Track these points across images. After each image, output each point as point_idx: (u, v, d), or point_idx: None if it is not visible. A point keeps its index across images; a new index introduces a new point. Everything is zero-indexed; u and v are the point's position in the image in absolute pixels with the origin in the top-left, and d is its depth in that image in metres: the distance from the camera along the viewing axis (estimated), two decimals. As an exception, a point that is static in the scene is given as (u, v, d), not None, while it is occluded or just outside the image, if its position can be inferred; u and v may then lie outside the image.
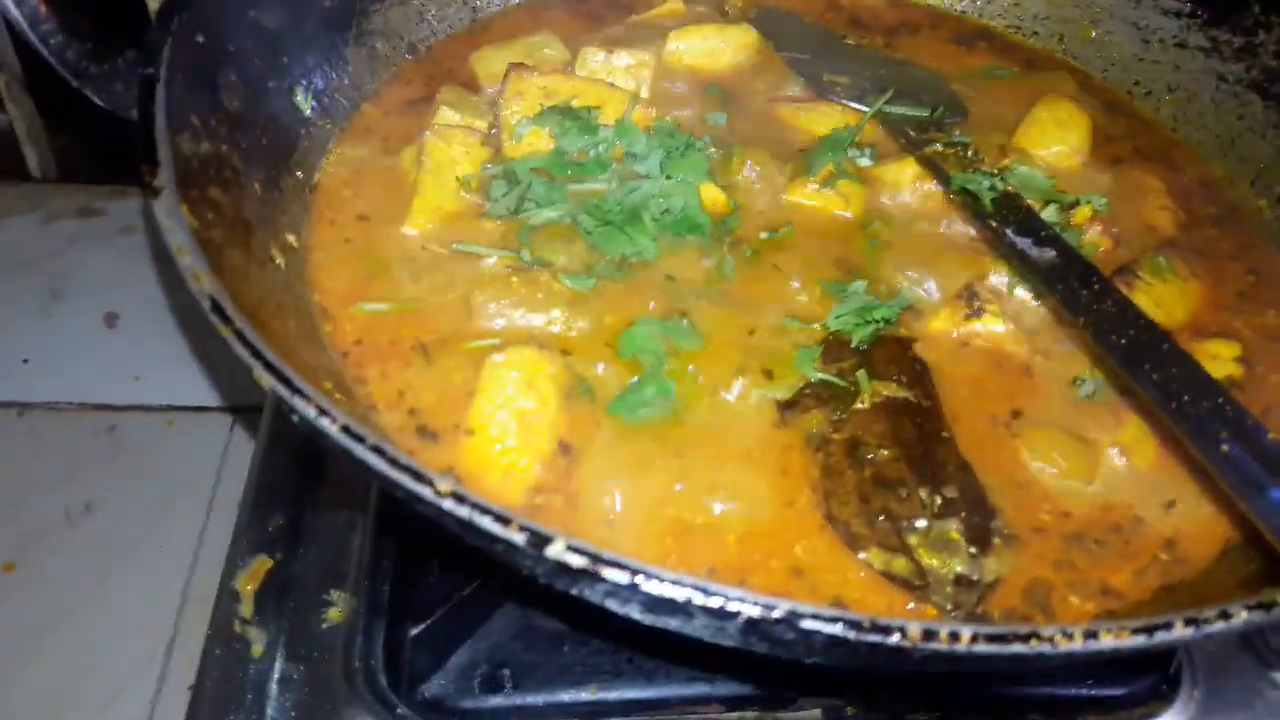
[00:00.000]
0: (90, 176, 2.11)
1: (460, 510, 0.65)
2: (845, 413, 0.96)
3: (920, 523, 0.88)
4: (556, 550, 0.63)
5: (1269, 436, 0.79)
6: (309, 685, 1.03)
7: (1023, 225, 1.07)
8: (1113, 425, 1.00)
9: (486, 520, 0.64)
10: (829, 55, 1.40)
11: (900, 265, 1.12)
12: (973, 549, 0.87)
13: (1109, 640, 0.65)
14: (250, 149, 1.04)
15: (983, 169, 1.17)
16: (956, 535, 0.87)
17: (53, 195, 2.09)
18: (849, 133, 1.22)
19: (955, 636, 0.63)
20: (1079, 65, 1.49)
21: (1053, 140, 1.26)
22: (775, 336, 1.03)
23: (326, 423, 0.68)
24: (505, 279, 1.03)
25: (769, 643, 0.66)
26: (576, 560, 0.63)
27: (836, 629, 0.62)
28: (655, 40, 1.35)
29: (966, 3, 1.56)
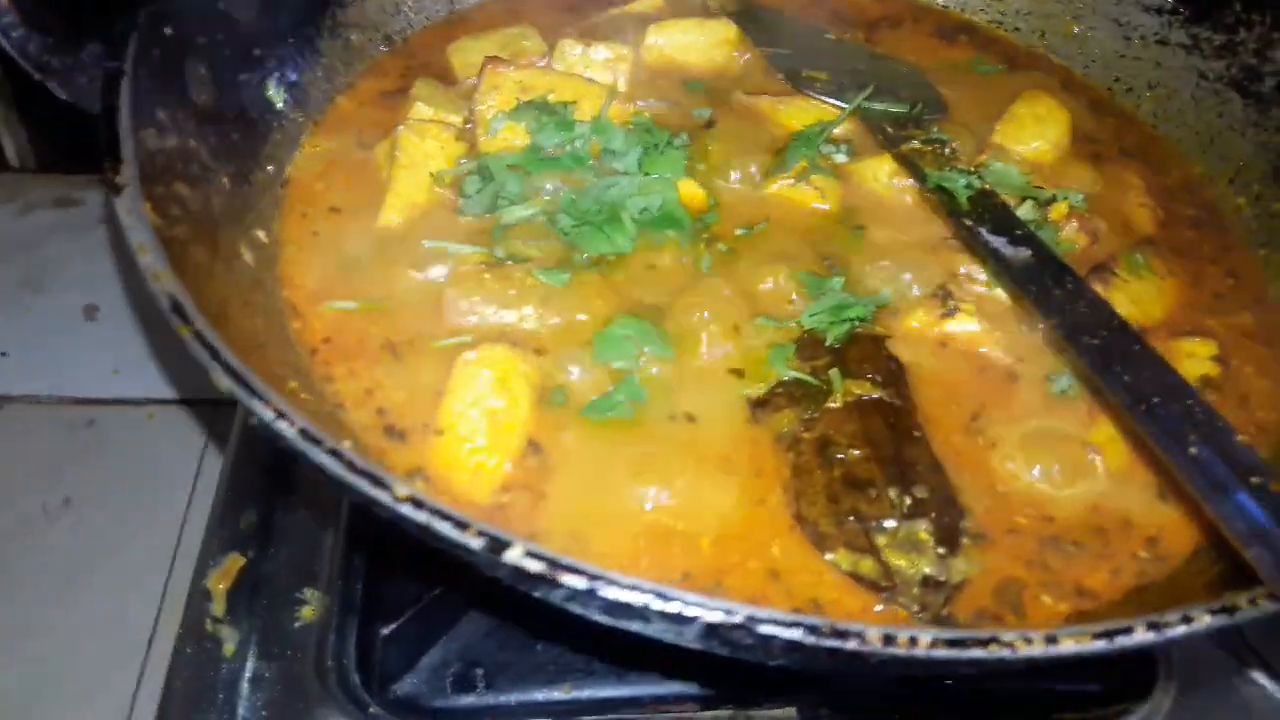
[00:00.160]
0: (69, 166, 2.10)
1: (418, 515, 0.64)
2: (817, 412, 0.95)
3: (889, 523, 0.87)
4: (515, 555, 0.63)
5: (1238, 439, 0.78)
6: (281, 684, 1.02)
7: (998, 224, 1.06)
8: (1088, 422, 1.00)
9: (445, 525, 0.64)
10: (809, 50, 1.39)
11: (876, 263, 1.11)
12: (941, 550, 0.87)
13: (1069, 645, 0.65)
14: (219, 143, 1.02)
15: (959, 166, 1.16)
16: (925, 536, 0.87)
17: (31, 185, 2.08)
18: (821, 129, 1.22)
19: (914, 641, 0.63)
20: (1060, 61, 1.48)
21: (1032, 136, 1.26)
22: (749, 335, 1.02)
23: (284, 425, 0.67)
24: (477, 275, 1.02)
25: (729, 646, 0.66)
26: (534, 565, 0.63)
27: (795, 634, 0.62)
28: (634, 34, 1.34)
29: (948, -3, 1.56)
